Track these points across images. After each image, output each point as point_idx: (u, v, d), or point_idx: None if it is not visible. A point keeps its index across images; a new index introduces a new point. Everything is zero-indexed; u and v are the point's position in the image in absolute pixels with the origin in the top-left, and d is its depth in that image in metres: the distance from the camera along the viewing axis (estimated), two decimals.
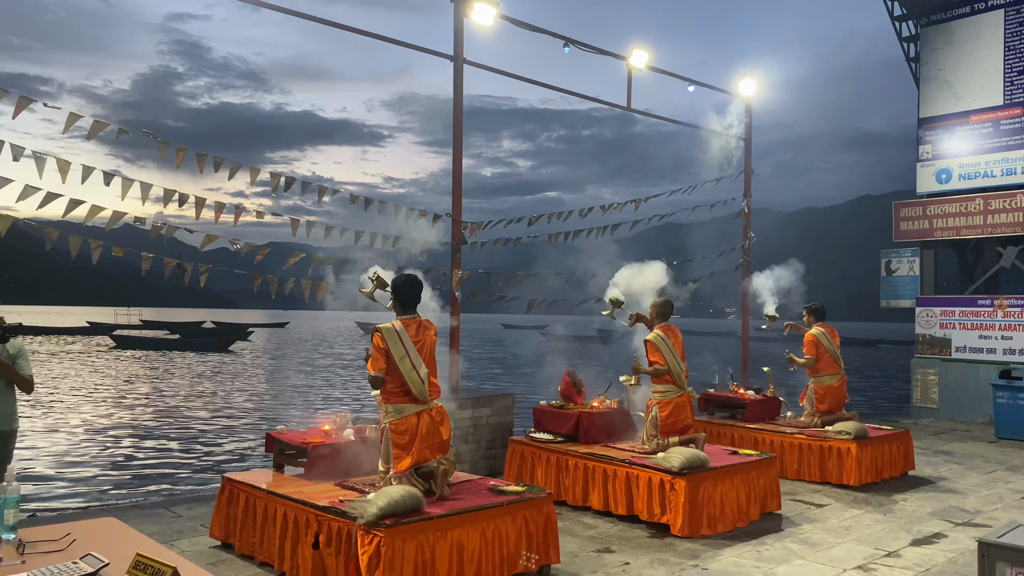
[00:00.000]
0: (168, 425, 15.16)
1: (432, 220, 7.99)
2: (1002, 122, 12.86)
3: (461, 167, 8.24)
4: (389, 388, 4.93)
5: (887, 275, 14.33)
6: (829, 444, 7.80)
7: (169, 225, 6.57)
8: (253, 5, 7.11)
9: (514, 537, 4.77)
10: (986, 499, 7.32)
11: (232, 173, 6.88)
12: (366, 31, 7.98)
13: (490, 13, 8.01)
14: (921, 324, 13.33)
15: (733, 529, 6.11)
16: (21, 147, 5.69)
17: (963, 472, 8.60)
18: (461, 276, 8.08)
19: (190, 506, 6.69)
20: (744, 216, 11.61)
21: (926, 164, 13.76)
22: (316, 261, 7.37)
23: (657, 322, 7.01)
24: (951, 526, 6.33)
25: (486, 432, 7.87)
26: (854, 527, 6.26)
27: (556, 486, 6.75)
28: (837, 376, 8.47)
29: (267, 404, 19.01)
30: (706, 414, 9.15)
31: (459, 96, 8.08)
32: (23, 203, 5.70)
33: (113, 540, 3.16)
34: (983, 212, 12.90)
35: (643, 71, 9.97)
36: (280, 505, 4.90)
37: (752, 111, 11.73)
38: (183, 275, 6.78)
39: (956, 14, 13.44)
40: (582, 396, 7.54)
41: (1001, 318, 12.37)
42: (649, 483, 6.09)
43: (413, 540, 4.26)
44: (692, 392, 6.95)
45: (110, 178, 6.29)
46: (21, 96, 5.69)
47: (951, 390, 12.90)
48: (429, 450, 4.92)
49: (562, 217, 9.56)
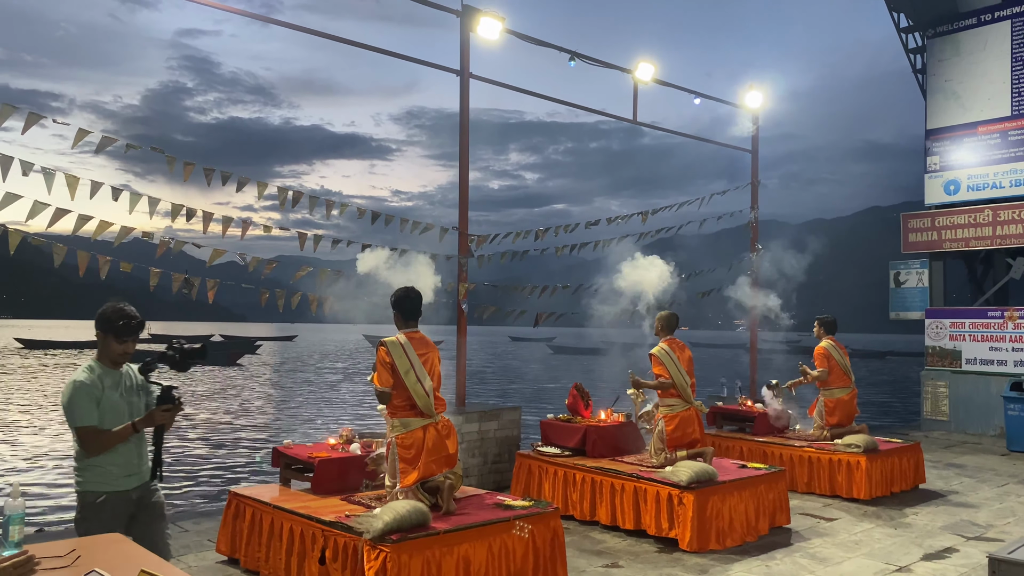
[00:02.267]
0: (175, 439, 15.17)
1: (440, 233, 8.01)
2: (1010, 133, 12.82)
3: (468, 180, 8.26)
4: (395, 402, 4.92)
5: (896, 287, 14.26)
6: (839, 457, 7.74)
7: (177, 240, 6.60)
8: (262, 21, 7.16)
9: (521, 552, 4.74)
10: (998, 513, 7.25)
11: (240, 187, 6.92)
12: (374, 47, 8.04)
13: (496, 28, 8.05)
14: (931, 336, 13.25)
15: (742, 544, 6.06)
16: (31, 163, 5.73)
17: (974, 485, 8.52)
18: (468, 289, 8.09)
19: (196, 521, 6.68)
20: (752, 228, 11.59)
21: (934, 175, 13.72)
22: (324, 274, 7.38)
23: (663, 335, 6.98)
24: (963, 540, 6.27)
25: (493, 446, 7.85)
26: (864, 541, 6.20)
27: (563, 500, 6.72)
28: (847, 389, 8.42)
29: (274, 418, 19.01)
30: (715, 427, 9.11)
31: (465, 110, 8.11)
32: (33, 220, 5.74)
33: (118, 556, 3.15)
34: (992, 223, 12.84)
35: (649, 84, 9.99)
36: (286, 520, 4.89)
37: (759, 123, 11.73)
38: (191, 289, 6.80)
39: (962, 25, 13.43)
40: (589, 409, 7.51)
41: (1011, 330, 12.29)
42: (657, 497, 6.05)
43: (419, 555, 4.24)
44: (700, 406, 6.91)
45: (118, 193, 6.33)
46: (31, 112, 5.73)
47: (962, 402, 12.80)
48: (435, 464, 4.90)
49: (569, 230, 9.56)
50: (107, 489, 3.57)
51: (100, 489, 3.56)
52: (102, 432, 3.52)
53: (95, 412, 3.51)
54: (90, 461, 3.55)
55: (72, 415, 3.49)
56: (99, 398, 3.52)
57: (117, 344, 3.60)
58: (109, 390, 3.58)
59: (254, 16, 7.32)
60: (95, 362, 3.64)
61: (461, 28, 8.07)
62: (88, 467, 3.56)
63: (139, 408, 3.69)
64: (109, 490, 3.57)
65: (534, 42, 8.91)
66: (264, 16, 7.25)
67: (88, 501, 3.56)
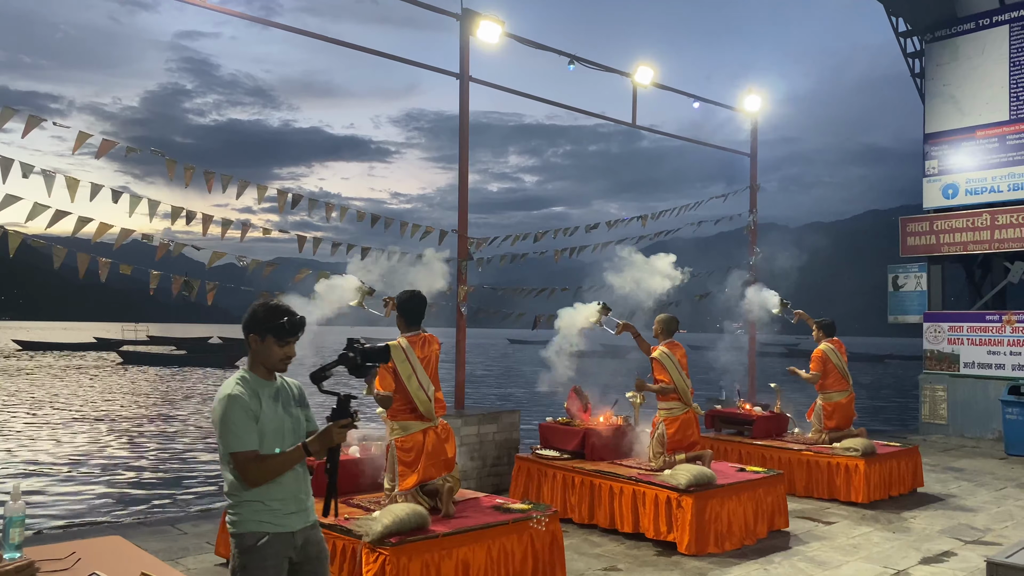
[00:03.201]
0: (174, 441, 15.16)
1: (439, 236, 8.02)
2: (1008, 137, 12.85)
3: (467, 183, 8.28)
4: (395, 405, 4.93)
5: (894, 290, 14.28)
6: (837, 461, 7.75)
7: (177, 242, 6.61)
8: (262, 24, 7.18)
9: (520, 555, 4.74)
10: (996, 517, 7.25)
11: (240, 191, 6.93)
12: (374, 50, 8.05)
13: (496, 31, 8.07)
14: (929, 340, 13.27)
15: (740, 547, 6.06)
16: (31, 165, 5.74)
17: (973, 489, 8.53)
18: (467, 291, 8.09)
19: (196, 523, 6.68)
20: (751, 231, 11.61)
21: (932, 179, 13.75)
22: (323, 277, 7.39)
23: (662, 338, 6.98)
24: (961, 544, 6.28)
25: (492, 449, 7.85)
26: (863, 545, 6.21)
27: (562, 504, 6.72)
28: (845, 393, 8.43)
29: None
30: (713, 431, 9.12)
31: (465, 113, 8.13)
32: (32, 222, 5.75)
33: (118, 558, 3.15)
34: (990, 227, 12.86)
35: (648, 87, 10.01)
36: None
37: (758, 126, 11.75)
38: (191, 292, 6.81)
39: (961, 30, 13.47)
40: (588, 412, 7.51)
41: (1010, 333, 12.31)
42: (656, 500, 6.05)
43: (418, 558, 4.24)
44: (698, 408, 6.92)
45: (118, 195, 6.33)
46: (31, 115, 5.74)
47: (960, 406, 12.82)
48: (435, 467, 4.91)
49: (568, 233, 9.58)
50: (270, 529, 2.91)
51: (261, 529, 2.90)
52: (265, 458, 2.89)
53: (255, 433, 2.89)
54: (248, 495, 2.90)
55: (227, 437, 2.86)
56: (257, 415, 2.91)
57: (279, 347, 3.01)
58: (267, 405, 2.96)
59: (253, 19, 7.33)
60: (247, 372, 3.02)
61: (461, 31, 8.09)
62: (245, 502, 2.91)
63: (301, 425, 3.08)
64: (272, 530, 2.91)
65: (533, 46, 8.94)
66: (264, 19, 7.26)
67: (248, 544, 2.88)
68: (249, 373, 3.01)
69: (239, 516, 2.91)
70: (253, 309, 3.03)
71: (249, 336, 3.00)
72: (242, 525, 2.90)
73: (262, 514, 2.91)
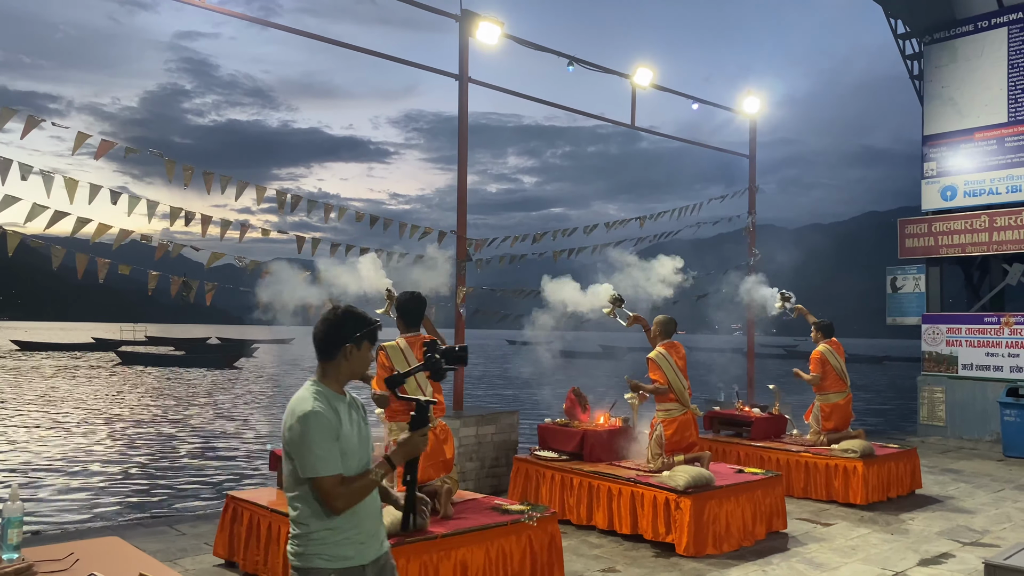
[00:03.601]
0: (172, 442, 15.15)
1: (438, 237, 8.02)
2: (1007, 139, 12.87)
3: (466, 184, 8.28)
4: (393, 406, 4.93)
5: (893, 292, 14.29)
6: (835, 462, 7.76)
7: (175, 243, 6.61)
8: (261, 24, 7.18)
9: (518, 556, 4.75)
10: (994, 518, 7.26)
11: (239, 192, 6.92)
12: (373, 51, 8.05)
13: (495, 32, 8.08)
14: (927, 341, 13.28)
15: (739, 548, 6.06)
16: (29, 166, 5.73)
17: (971, 491, 8.53)
18: (466, 292, 8.10)
19: (194, 524, 6.68)
20: (749, 233, 11.62)
21: (931, 181, 13.76)
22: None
23: (660, 339, 6.98)
24: (959, 546, 6.28)
25: (490, 450, 7.85)
26: (861, 547, 6.21)
27: (560, 505, 6.72)
28: (843, 394, 8.43)
29: (272, 421, 18.99)
30: (711, 432, 9.12)
31: (464, 114, 8.13)
32: (31, 222, 5.75)
33: (116, 559, 3.15)
34: (989, 229, 12.88)
35: (647, 89, 10.02)
36: (284, 524, 4.89)
37: (756, 128, 11.76)
38: (189, 293, 6.80)
39: (959, 32, 13.48)
40: (587, 413, 7.51)
41: (1008, 335, 12.32)
42: (654, 502, 6.05)
43: (417, 559, 4.25)
44: (696, 410, 6.92)
45: (117, 196, 6.33)
46: (30, 116, 5.74)
47: (958, 408, 12.83)
48: (433, 469, 4.91)
49: (567, 234, 9.58)
50: (341, 564, 2.57)
51: (331, 566, 2.55)
52: (351, 480, 2.56)
53: (338, 454, 2.54)
54: (319, 525, 2.55)
55: (310, 460, 2.49)
56: (338, 433, 2.56)
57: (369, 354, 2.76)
58: (345, 421, 2.62)
59: (253, 20, 7.34)
60: (319, 385, 2.66)
61: (460, 32, 8.09)
62: (314, 533, 2.56)
63: (370, 440, 2.76)
64: (343, 565, 2.57)
65: (533, 47, 8.94)
66: (263, 20, 7.27)
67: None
68: (321, 385, 2.66)
69: (306, 549, 2.56)
70: (340, 316, 2.69)
71: (345, 347, 2.66)
72: (307, 559, 2.56)
73: (332, 548, 2.57)
